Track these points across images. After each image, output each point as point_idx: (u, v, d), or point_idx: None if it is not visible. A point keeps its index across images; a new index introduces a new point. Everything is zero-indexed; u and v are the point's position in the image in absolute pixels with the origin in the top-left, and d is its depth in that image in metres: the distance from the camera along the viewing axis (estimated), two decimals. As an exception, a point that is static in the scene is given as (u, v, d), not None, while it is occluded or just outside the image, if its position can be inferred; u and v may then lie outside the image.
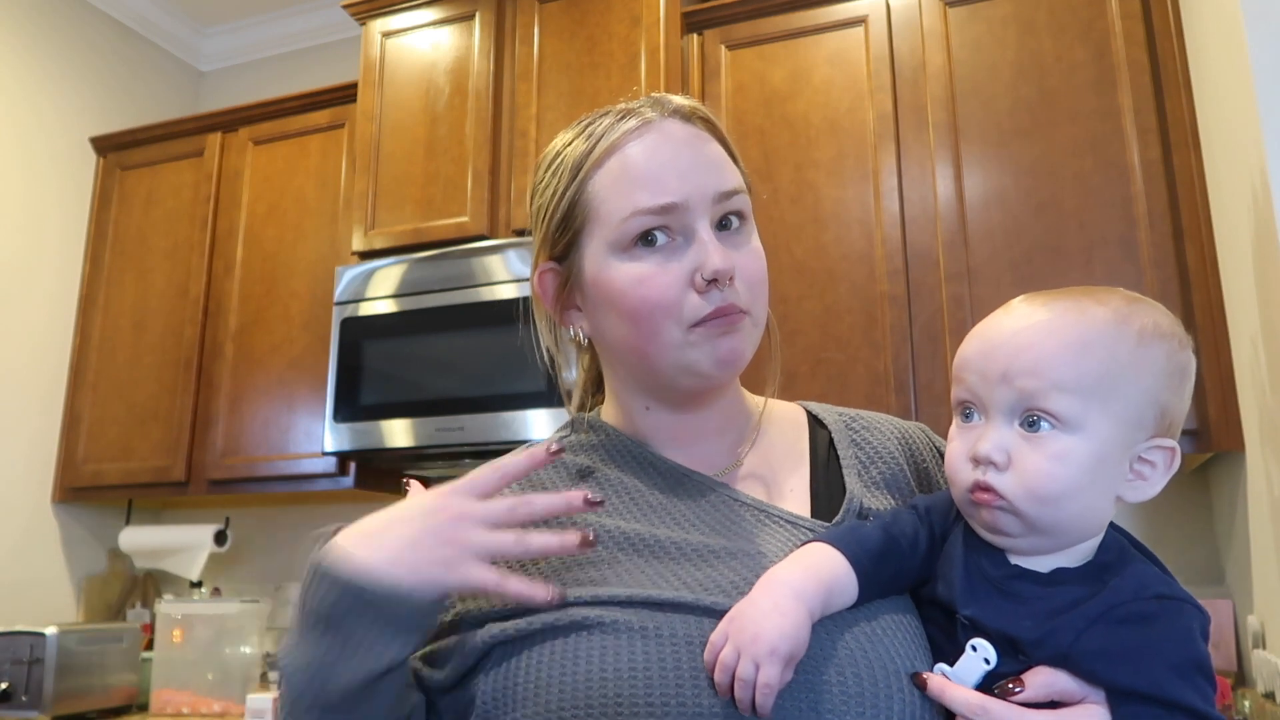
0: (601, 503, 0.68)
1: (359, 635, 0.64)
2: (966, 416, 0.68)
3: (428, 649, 0.73)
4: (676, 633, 0.65)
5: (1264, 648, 1.64)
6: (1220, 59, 1.61)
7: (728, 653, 0.61)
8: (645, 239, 0.73)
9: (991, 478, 0.65)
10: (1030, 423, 0.64)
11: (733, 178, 0.77)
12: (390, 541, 0.65)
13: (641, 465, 0.79)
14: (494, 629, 0.69)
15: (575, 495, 0.67)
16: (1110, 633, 0.61)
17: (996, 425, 0.65)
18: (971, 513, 0.68)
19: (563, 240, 0.78)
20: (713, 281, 0.72)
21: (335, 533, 0.68)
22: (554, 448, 0.69)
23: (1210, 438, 1.72)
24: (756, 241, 0.78)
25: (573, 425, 0.86)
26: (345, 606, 0.64)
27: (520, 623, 0.68)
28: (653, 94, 0.81)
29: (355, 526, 0.68)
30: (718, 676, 0.61)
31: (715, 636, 0.63)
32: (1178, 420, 0.66)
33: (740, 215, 0.77)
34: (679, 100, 0.79)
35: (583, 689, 0.64)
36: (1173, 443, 0.65)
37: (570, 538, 0.66)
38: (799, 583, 0.64)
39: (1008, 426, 0.65)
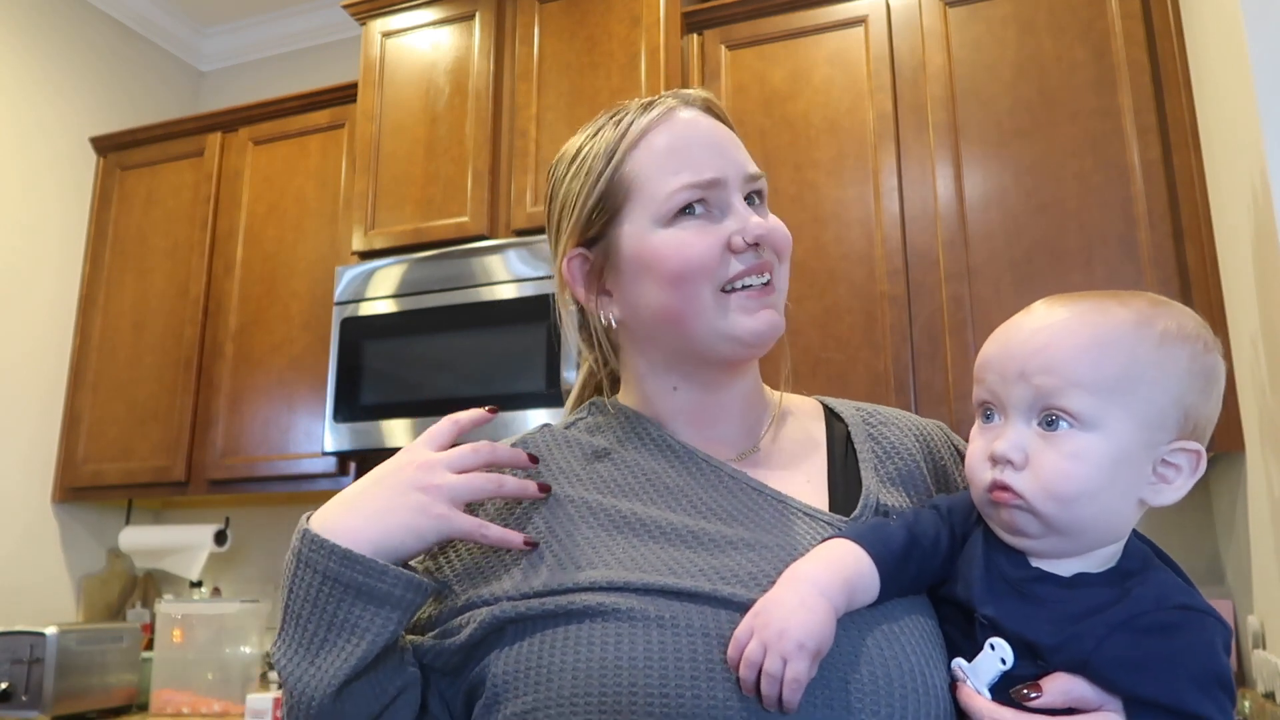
0: (549, 491, 0.75)
1: (349, 618, 0.66)
2: (987, 417, 0.68)
3: (438, 630, 0.73)
4: (693, 623, 0.65)
5: (1264, 648, 1.64)
6: (1220, 59, 1.61)
7: (753, 648, 0.60)
8: (685, 211, 0.77)
9: (1009, 477, 0.64)
10: (1048, 421, 0.64)
11: (754, 162, 0.83)
12: (367, 503, 0.70)
13: (660, 448, 0.80)
14: (506, 606, 0.69)
15: (529, 478, 0.75)
16: (1132, 641, 0.61)
17: (1014, 424, 0.65)
18: (990, 513, 0.67)
19: (599, 222, 0.81)
20: (754, 246, 0.77)
21: (310, 518, 0.71)
22: (489, 409, 0.76)
23: (1210, 438, 1.72)
24: (777, 218, 0.82)
25: (590, 408, 0.87)
26: (328, 591, 0.66)
27: (534, 602, 0.69)
28: (670, 90, 0.88)
29: (332, 499, 0.71)
30: (743, 672, 0.61)
31: (739, 632, 0.62)
32: (1203, 424, 0.65)
33: (762, 195, 0.82)
34: (694, 93, 0.84)
35: (596, 676, 0.64)
36: (1198, 445, 0.65)
37: (514, 537, 0.71)
38: (824, 579, 0.64)
39: (1026, 425, 0.65)
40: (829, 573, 0.65)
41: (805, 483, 0.79)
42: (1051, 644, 0.62)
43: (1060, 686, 0.62)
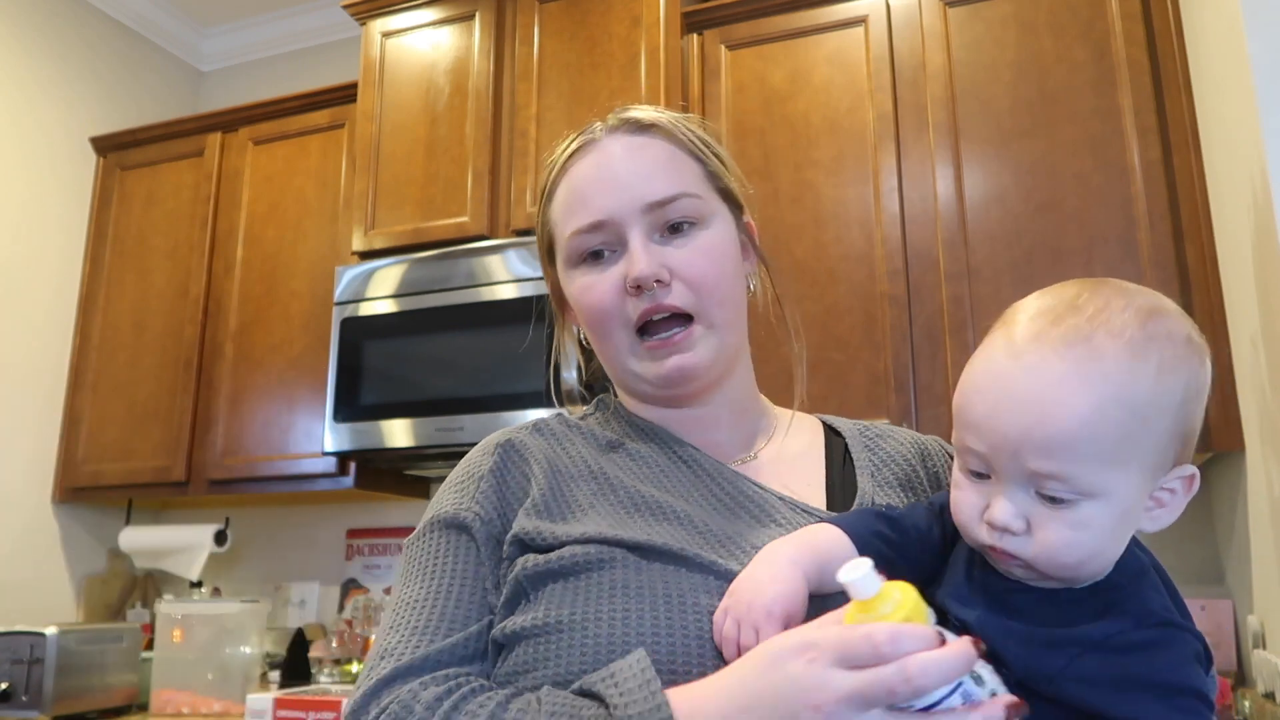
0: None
1: None
2: (975, 472, 0.64)
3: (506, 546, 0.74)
4: (699, 602, 0.65)
5: (1264, 648, 1.64)
6: (1220, 59, 1.61)
7: (728, 626, 0.62)
8: (594, 254, 0.79)
9: (1008, 544, 0.61)
10: (1048, 496, 0.59)
11: (667, 185, 0.78)
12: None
13: (663, 445, 0.81)
14: (530, 561, 0.70)
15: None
16: (1105, 661, 0.59)
17: (1011, 492, 0.61)
18: (987, 556, 0.65)
19: (545, 256, 0.86)
20: (656, 283, 0.76)
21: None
22: None
23: (1210, 438, 1.72)
24: (706, 241, 0.79)
25: (599, 405, 0.89)
26: None
27: (552, 557, 0.70)
28: (621, 108, 0.85)
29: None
30: (725, 652, 0.62)
31: (718, 614, 0.64)
32: (1195, 436, 0.63)
33: (691, 219, 0.79)
34: (635, 113, 0.82)
35: (604, 657, 0.64)
36: (1193, 469, 0.62)
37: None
38: (793, 551, 0.66)
39: (1023, 492, 0.60)
40: (799, 545, 0.66)
41: (805, 486, 0.80)
42: (1019, 662, 0.60)
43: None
